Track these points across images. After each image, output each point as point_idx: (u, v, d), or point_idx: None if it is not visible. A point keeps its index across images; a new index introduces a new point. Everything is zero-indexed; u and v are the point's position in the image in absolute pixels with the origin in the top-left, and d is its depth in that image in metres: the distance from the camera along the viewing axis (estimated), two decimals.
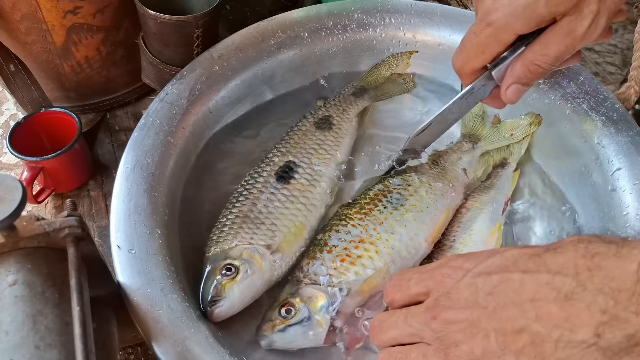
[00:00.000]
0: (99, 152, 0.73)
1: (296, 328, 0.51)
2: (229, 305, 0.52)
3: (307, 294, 0.53)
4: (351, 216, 0.58)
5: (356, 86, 0.71)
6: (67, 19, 0.65)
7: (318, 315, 0.52)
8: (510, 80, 0.49)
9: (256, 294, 0.55)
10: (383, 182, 0.62)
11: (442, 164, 0.65)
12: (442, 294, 0.38)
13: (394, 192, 0.60)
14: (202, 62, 0.65)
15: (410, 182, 0.61)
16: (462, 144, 0.67)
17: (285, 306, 0.52)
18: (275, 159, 0.63)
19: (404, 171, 0.63)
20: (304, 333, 0.51)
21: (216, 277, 0.53)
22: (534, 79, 0.49)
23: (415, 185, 0.61)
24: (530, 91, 0.66)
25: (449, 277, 0.38)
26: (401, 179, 0.62)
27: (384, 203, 0.59)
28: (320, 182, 0.62)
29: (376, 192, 0.61)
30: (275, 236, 0.57)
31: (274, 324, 0.52)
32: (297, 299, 0.53)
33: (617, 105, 0.61)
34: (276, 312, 0.52)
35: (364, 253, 0.55)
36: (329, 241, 0.57)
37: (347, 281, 0.54)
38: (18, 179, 0.36)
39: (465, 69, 0.52)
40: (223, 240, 0.56)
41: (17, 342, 0.34)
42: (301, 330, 0.51)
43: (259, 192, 0.60)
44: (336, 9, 0.72)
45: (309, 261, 0.56)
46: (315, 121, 0.67)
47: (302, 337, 0.52)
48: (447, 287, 0.38)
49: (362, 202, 0.60)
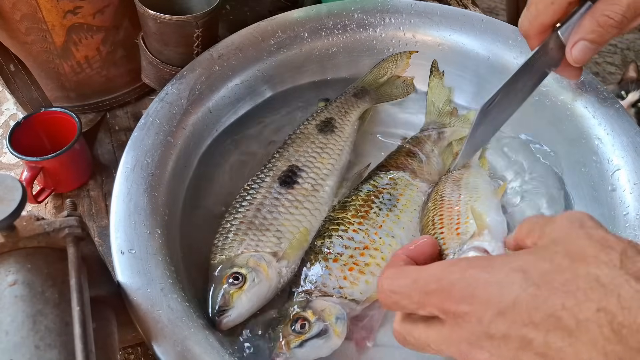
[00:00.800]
0: (99, 152, 0.73)
1: (313, 342, 0.50)
2: (237, 314, 0.52)
3: (320, 307, 0.52)
4: (349, 220, 0.58)
5: (357, 87, 0.71)
6: (67, 19, 0.65)
7: (334, 326, 0.51)
8: (577, 37, 0.46)
9: (263, 302, 0.54)
10: (370, 181, 0.61)
11: (420, 156, 0.65)
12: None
13: (384, 193, 0.60)
14: (202, 62, 0.65)
15: (397, 181, 0.61)
16: (429, 132, 0.67)
17: (298, 321, 0.51)
18: (278, 163, 0.62)
19: (386, 167, 0.63)
20: (322, 345, 0.51)
21: (223, 285, 0.53)
22: (603, 34, 0.45)
23: (402, 184, 0.61)
24: None
25: (463, 319, 0.30)
26: (389, 178, 0.62)
27: (377, 205, 0.59)
28: (324, 186, 0.61)
29: (367, 193, 0.60)
30: (281, 243, 0.56)
31: (287, 340, 0.50)
32: (309, 312, 0.51)
33: (617, 105, 0.61)
34: (288, 328, 0.51)
35: (370, 260, 0.55)
36: (332, 248, 0.55)
37: (359, 291, 0.53)
38: (18, 179, 0.36)
39: (533, 26, 0.48)
40: (228, 248, 0.56)
41: (17, 342, 0.34)
42: (319, 343, 0.50)
43: (262, 197, 0.59)
44: (336, 9, 0.72)
45: (315, 271, 0.54)
46: (317, 124, 0.66)
47: (321, 349, 0.51)
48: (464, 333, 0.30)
49: (356, 203, 0.59)
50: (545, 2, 0.46)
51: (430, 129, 0.68)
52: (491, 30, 0.69)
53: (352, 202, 0.60)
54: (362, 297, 0.53)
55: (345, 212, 0.59)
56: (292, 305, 0.53)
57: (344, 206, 0.60)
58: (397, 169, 0.63)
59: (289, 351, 0.50)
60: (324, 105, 0.69)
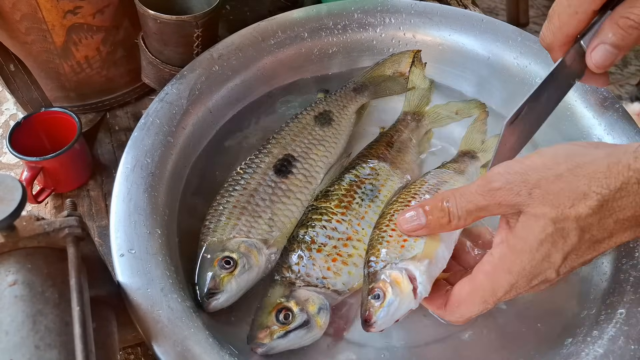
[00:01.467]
0: (99, 152, 0.73)
1: (296, 332, 0.51)
2: (226, 298, 0.53)
3: (303, 297, 0.52)
4: (333, 210, 0.57)
5: (357, 82, 0.71)
6: (67, 19, 0.65)
7: (317, 317, 0.51)
8: (596, 42, 0.45)
9: (250, 287, 0.55)
10: (352, 171, 0.61)
11: (397, 145, 0.65)
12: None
13: (366, 183, 0.60)
14: (202, 62, 0.65)
15: (378, 171, 0.61)
16: (407, 122, 0.68)
17: (282, 312, 0.51)
18: (274, 150, 0.62)
19: (367, 157, 0.63)
20: (304, 335, 0.51)
21: (214, 268, 0.53)
22: (623, 37, 0.44)
23: (383, 175, 0.61)
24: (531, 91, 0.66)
25: None
26: (370, 168, 0.62)
27: (360, 195, 0.59)
28: (317, 179, 0.62)
29: (349, 183, 0.60)
30: (273, 231, 0.57)
31: (271, 330, 0.50)
32: (292, 302, 0.52)
33: (617, 105, 0.61)
34: (272, 318, 0.51)
35: (353, 252, 0.55)
36: (316, 238, 0.56)
37: (341, 282, 0.54)
38: (18, 179, 0.36)
39: (558, 38, 0.47)
40: (221, 230, 0.56)
41: (17, 342, 0.34)
42: (301, 333, 0.51)
43: (257, 183, 0.60)
44: (336, 9, 0.72)
45: (298, 261, 0.54)
46: (315, 115, 0.67)
47: (302, 339, 0.51)
48: None
49: (339, 193, 0.59)
50: (569, 12, 0.46)
51: (408, 118, 0.68)
52: (491, 30, 0.69)
53: (334, 191, 0.59)
54: (345, 288, 0.54)
55: (328, 202, 0.58)
56: (274, 294, 0.53)
57: (326, 195, 0.59)
58: (378, 159, 0.63)
59: (270, 342, 0.50)
60: (322, 97, 0.69)
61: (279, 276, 0.54)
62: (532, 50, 0.67)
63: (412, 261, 0.49)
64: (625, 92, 1.73)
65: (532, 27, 1.93)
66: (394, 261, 0.49)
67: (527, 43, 0.68)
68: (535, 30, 1.87)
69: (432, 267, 0.49)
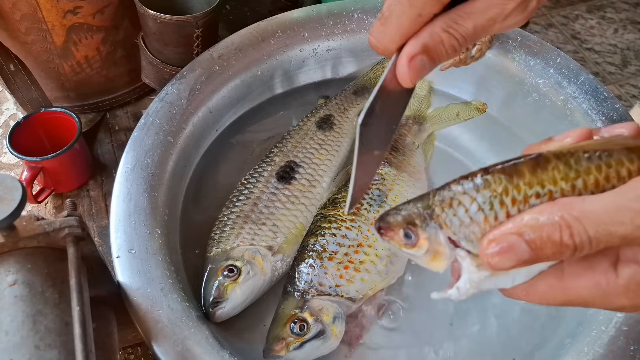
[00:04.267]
0: (99, 152, 0.73)
1: (312, 343, 0.50)
2: (231, 307, 0.52)
3: (317, 307, 0.52)
4: (342, 217, 0.57)
5: (357, 85, 0.71)
6: (67, 19, 0.65)
7: (332, 326, 0.51)
8: (410, 48, 0.37)
9: (257, 295, 0.55)
10: None
11: (402, 149, 0.65)
12: None
13: (373, 188, 0.60)
14: (202, 62, 0.65)
15: (384, 176, 0.61)
16: (409, 126, 0.68)
17: (297, 323, 0.50)
18: (277, 158, 0.63)
19: None
20: (321, 346, 0.51)
21: (218, 277, 0.53)
22: (439, 50, 0.37)
23: (389, 179, 0.61)
24: (531, 91, 0.66)
25: None
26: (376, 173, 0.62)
27: (368, 201, 0.59)
28: (321, 182, 0.62)
29: None
30: (277, 237, 0.57)
31: (287, 342, 0.50)
32: (306, 312, 0.51)
33: (617, 105, 0.61)
34: (287, 330, 0.50)
35: (365, 258, 0.55)
36: (326, 247, 0.55)
37: (355, 289, 0.53)
38: (18, 179, 0.36)
39: (396, 42, 0.39)
40: (225, 241, 0.56)
41: (17, 342, 0.34)
42: (317, 343, 0.50)
43: (260, 192, 0.60)
44: (336, 9, 0.72)
45: (310, 270, 0.54)
46: (317, 120, 0.67)
47: (319, 349, 0.51)
48: None
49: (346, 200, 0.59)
50: (411, 14, 0.38)
51: (410, 122, 0.68)
52: None
53: (342, 198, 0.59)
54: (358, 295, 0.53)
55: (336, 209, 0.58)
56: (288, 305, 0.53)
57: (334, 203, 0.59)
58: (383, 164, 0.63)
59: (287, 353, 0.50)
60: (323, 102, 0.69)
61: (292, 287, 0.54)
62: (532, 50, 0.67)
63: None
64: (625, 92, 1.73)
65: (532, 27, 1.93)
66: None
67: (527, 43, 0.68)
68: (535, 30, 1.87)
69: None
